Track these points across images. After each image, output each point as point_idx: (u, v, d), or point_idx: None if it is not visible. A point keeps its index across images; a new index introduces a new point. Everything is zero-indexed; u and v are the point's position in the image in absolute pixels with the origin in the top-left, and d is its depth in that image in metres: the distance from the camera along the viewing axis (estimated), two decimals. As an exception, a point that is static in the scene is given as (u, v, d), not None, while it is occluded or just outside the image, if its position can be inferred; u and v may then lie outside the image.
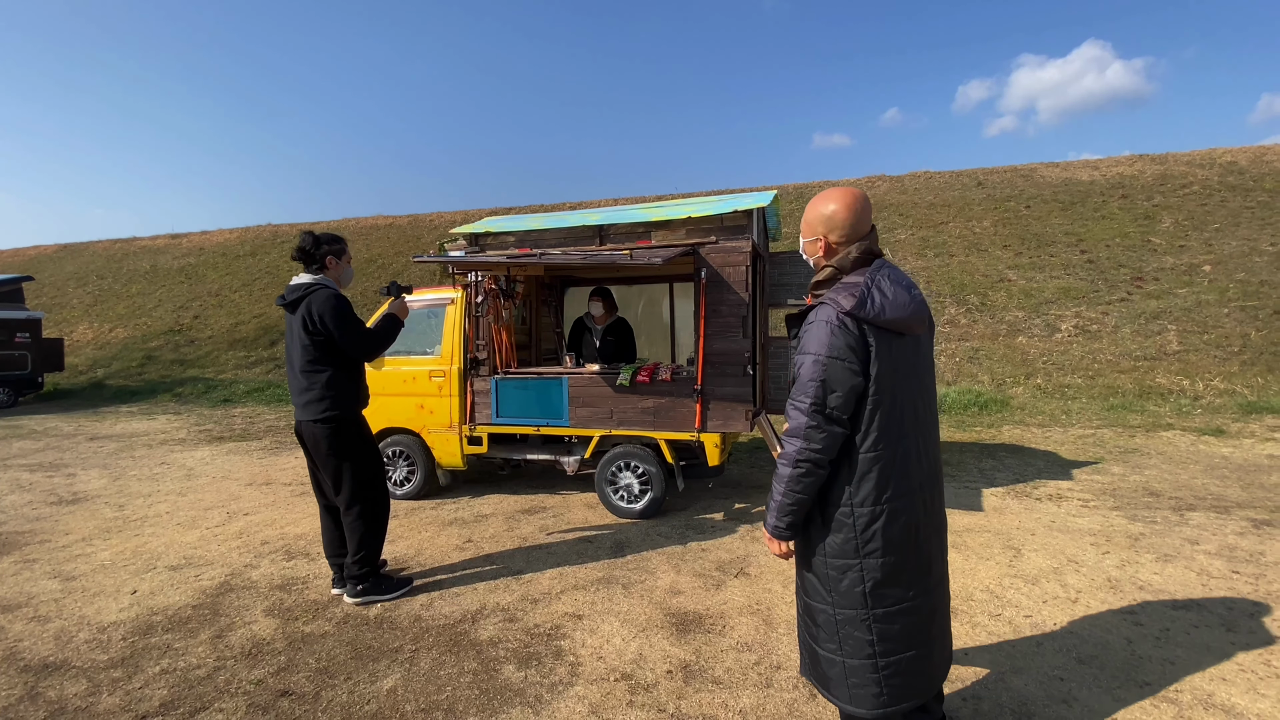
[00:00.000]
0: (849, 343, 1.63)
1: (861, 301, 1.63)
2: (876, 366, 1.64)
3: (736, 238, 4.22)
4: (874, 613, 1.74)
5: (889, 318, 1.64)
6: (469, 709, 2.32)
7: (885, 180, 15.67)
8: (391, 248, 16.65)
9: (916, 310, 1.69)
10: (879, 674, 1.75)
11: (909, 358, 1.72)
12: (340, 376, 3.12)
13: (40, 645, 2.83)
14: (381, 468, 3.35)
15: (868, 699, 1.77)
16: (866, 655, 1.76)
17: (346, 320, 3.07)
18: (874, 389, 1.65)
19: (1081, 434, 6.89)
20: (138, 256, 20.01)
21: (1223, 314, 9.35)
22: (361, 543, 3.16)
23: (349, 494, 3.17)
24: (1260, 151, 13.52)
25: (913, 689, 1.78)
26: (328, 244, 3.20)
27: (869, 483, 1.69)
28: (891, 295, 1.65)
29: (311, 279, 3.11)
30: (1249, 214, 11.44)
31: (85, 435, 8.44)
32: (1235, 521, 4.14)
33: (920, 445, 1.75)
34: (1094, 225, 12.05)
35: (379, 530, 3.26)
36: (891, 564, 1.72)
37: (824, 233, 1.78)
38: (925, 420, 1.77)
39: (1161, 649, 2.64)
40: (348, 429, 3.16)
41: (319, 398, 3.07)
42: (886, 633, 1.74)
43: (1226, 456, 5.81)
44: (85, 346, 15.20)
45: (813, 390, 1.66)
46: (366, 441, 3.28)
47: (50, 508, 5.05)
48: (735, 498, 4.99)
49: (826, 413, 1.65)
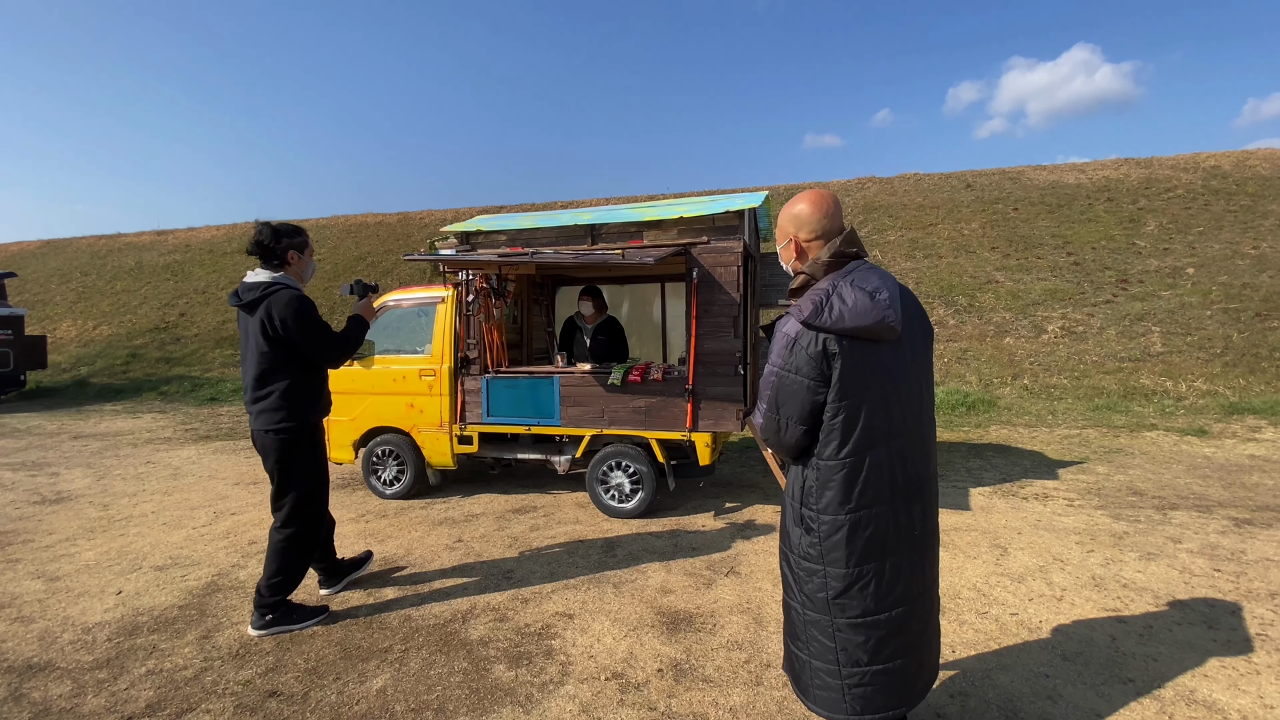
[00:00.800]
0: (807, 356, 1.61)
1: (818, 310, 1.60)
2: (839, 376, 1.60)
3: (728, 238, 4.24)
4: (836, 621, 1.71)
5: (848, 325, 1.58)
6: (459, 709, 2.32)
7: (875, 182, 15.77)
8: (381, 245, 16.54)
9: (882, 316, 1.59)
10: (841, 681, 1.71)
11: (884, 364, 1.64)
12: (300, 383, 2.88)
13: (24, 646, 2.79)
14: (326, 486, 3.09)
15: (831, 703, 1.74)
16: (830, 660, 1.73)
17: (312, 325, 2.82)
18: (835, 398, 1.62)
19: (1067, 434, 6.97)
20: (122, 253, 19.74)
21: (1205, 316, 9.50)
22: (282, 567, 2.89)
23: (287, 513, 2.91)
24: (1243, 156, 13.73)
25: (879, 702, 1.71)
26: (289, 236, 2.91)
27: (830, 491, 1.67)
28: (852, 302, 1.59)
29: (270, 277, 2.85)
30: (1231, 217, 11.63)
31: (69, 434, 8.32)
32: (1217, 520, 4.21)
33: (898, 455, 1.67)
34: (1080, 228, 12.19)
35: (305, 559, 3.01)
36: (853, 575, 1.67)
37: (794, 231, 1.78)
38: (907, 428, 1.70)
39: (1145, 646, 2.68)
40: (302, 441, 2.92)
41: (275, 406, 2.83)
42: (849, 643, 1.70)
43: (1209, 456, 5.91)
44: (69, 344, 14.98)
45: (768, 398, 1.71)
46: (318, 456, 3.03)
47: (33, 507, 4.98)
48: (726, 497, 5.01)
49: (781, 422, 1.69)
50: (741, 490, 5.20)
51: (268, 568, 2.90)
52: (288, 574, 2.92)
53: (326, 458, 3.12)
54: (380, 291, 3.56)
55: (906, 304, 1.71)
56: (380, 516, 4.62)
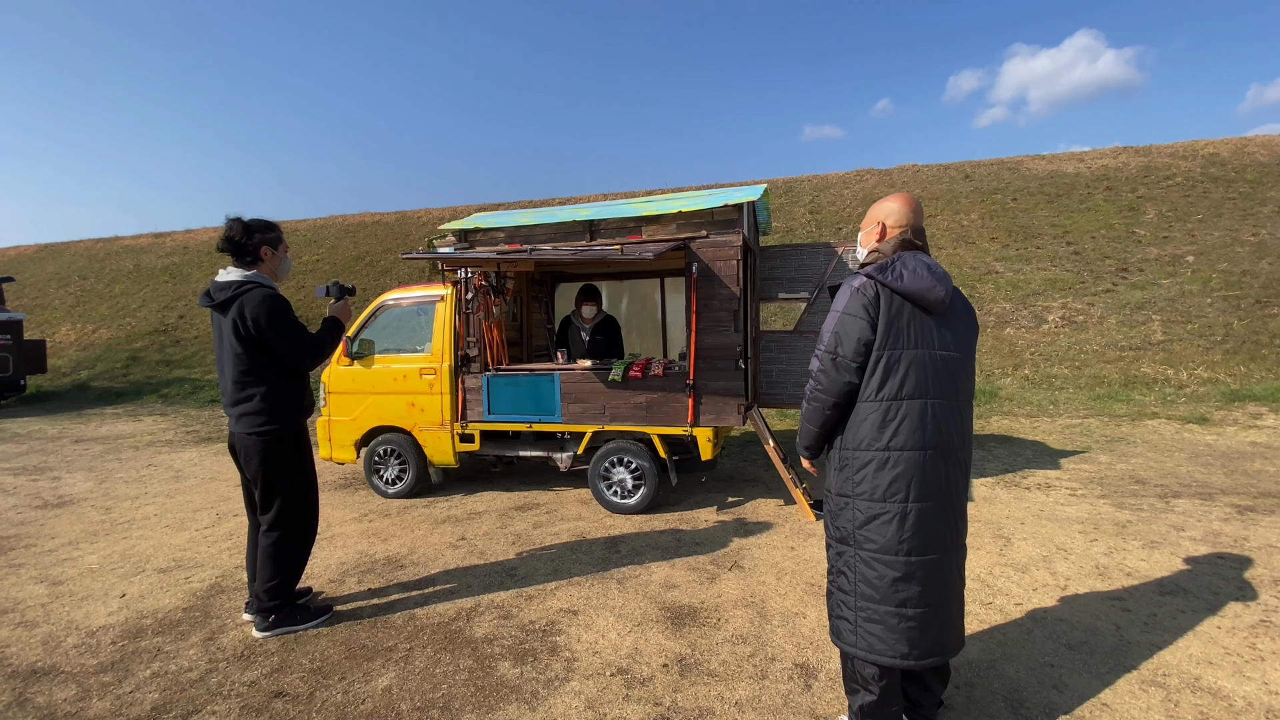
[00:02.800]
0: (865, 302, 1.88)
1: (883, 269, 1.90)
2: (885, 327, 1.86)
3: (727, 232, 4.22)
4: (859, 553, 1.92)
5: (905, 286, 1.86)
6: (465, 706, 2.32)
7: (874, 174, 15.72)
8: (379, 245, 16.51)
9: (934, 287, 1.86)
10: (854, 613, 1.93)
11: (928, 332, 1.89)
12: (280, 387, 2.80)
13: (28, 651, 2.79)
14: (314, 490, 3.03)
15: (845, 633, 1.96)
16: (845, 591, 1.96)
17: (286, 325, 2.72)
18: (880, 345, 1.86)
19: (1069, 423, 6.97)
20: (120, 256, 19.70)
21: (1206, 304, 9.48)
22: (277, 570, 2.85)
23: (275, 515, 2.85)
24: (1241, 143, 13.68)
25: (887, 643, 1.87)
26: (261, 232, 2.81)
27: (865, 427, 1.90)
28: (912, 269, 1.88)
29: (242, 275, 2.75)
30: (1230, 205, 11.60)
31: (70, 438, 8.32)
32: (1220, 508, 4.21)
33: (930, 413, 1.87)
34: (1079, 217, 12.16)
35: (300, 559, 2.97)
36: (876, 509, 1.88)
37: (882, 218, 2.06)
38: (942, 394, 1.89)
39: (1149, 634, 2.68)
40: (285, 444, 2.84)
41: (255, 410, 2.76)
42: (866, 575, 1.90)
43: (1210, 444, 5.90)
44: (68, 348, 14.96)
45: (829, 340, 1.94)
46: (304, 459, 2.95)
47: (35, 511, 4.98)
48: (728, 492, 5.00)
49: (837, 360, 1.91)
50: (744, 485, 5.20)
51: (262, 573, 2.86)
52: (283, 576, 2.88)
53: (312, 457, 3.04)
54: (358, 294, 3.45)
55: (956, 293, 1.98)
56: (383, 516, 4.61)
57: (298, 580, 2.99)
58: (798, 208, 14.58)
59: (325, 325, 2.95)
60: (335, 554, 3.86)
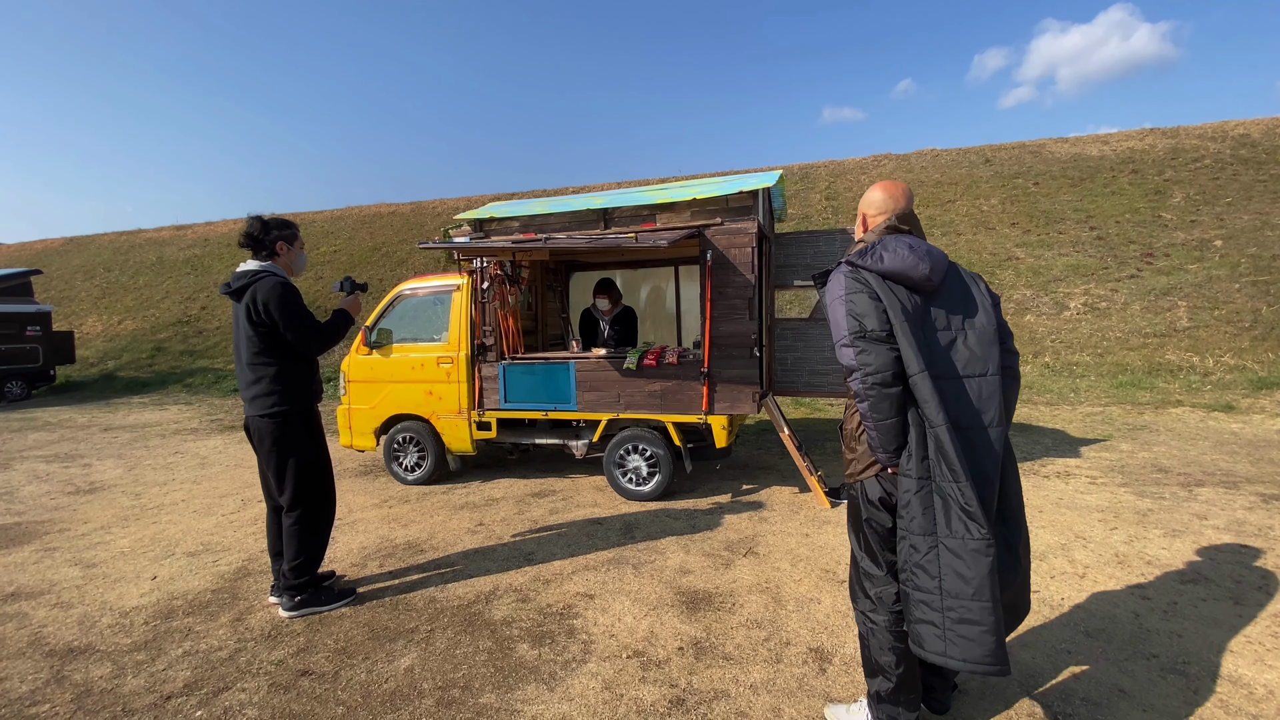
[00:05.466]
0: (858, 280, 1.84)
1: (863, 254, 1.87)
2: (886, 307, 1.79)
3: (742, 219, 4.20)
4: (942, 544, 1.73)
5: (885, 266, 1.82)
6: (485, 686, 2.37)
7: (892, 159, 15.49)
8: (395, 235, 16.63)
9: (916, 265, 1.79)
10: (941, 614, 1.73)
11: (921, 311, 1.80)
12: (289, 369, 2.93)
13: (64, 630, 2.89)
14: (329, 469, 3.13)
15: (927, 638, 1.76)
16: (927, 590, 1.75)
17: (293, 311, 2.87)
18: (891, 317, 1.78)
19: (1090, 411, 6.87)
20: (143, 249, 20.07)
21: (1234, 289, 9.25)
22: (301, 549, 2.96)
23: (291, 495, 2.95)
24: (1273, 123, 13.25)
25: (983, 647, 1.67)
26: (278, 229, 3.00)
27: (885, 405, 1.78)
28: (892, 249, 1.83)
29: (258, 266, 2.92)
30: (1261, 187, 11.26)
31: (99, 426, 8.54)
32: (1244, 496, 4.14)
33: (944, 394, 1.74)
34: (1103, 201, 11.89)
35: (321, 537, 3.06)
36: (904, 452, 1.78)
37: (863, 209, 2.05)
38: (949, 374, 1.77)
39: (1169, 622, 2.66)
40: (295, 424, 2.96)
41: (267, 392, 2.89)
42: (952, 567, 1.71)
43: (1236, 432, 5.79)
44: (95, 339, 15.32)
45: (846, 324, 1.82)
46: (316, 439, 3.07)
47: (68, 497, 5.14)
48: (742, 479, 5.02)
49: (867, 335, 1.79)
50: (758, 472, 5.21)
51: (286, 552, 2.97)
52: (307, 554, 2.98)
53: (323, 439, 3.14)
54: (374, 286, 3.53)
55: (951, 272, 1.88)
56: (403, 502, 4.70)
57: (320, 560, 3.08)
58: (814, 194, 14.42)
59: (334, 316, 3.08)
60: (357, 539, 3.94)
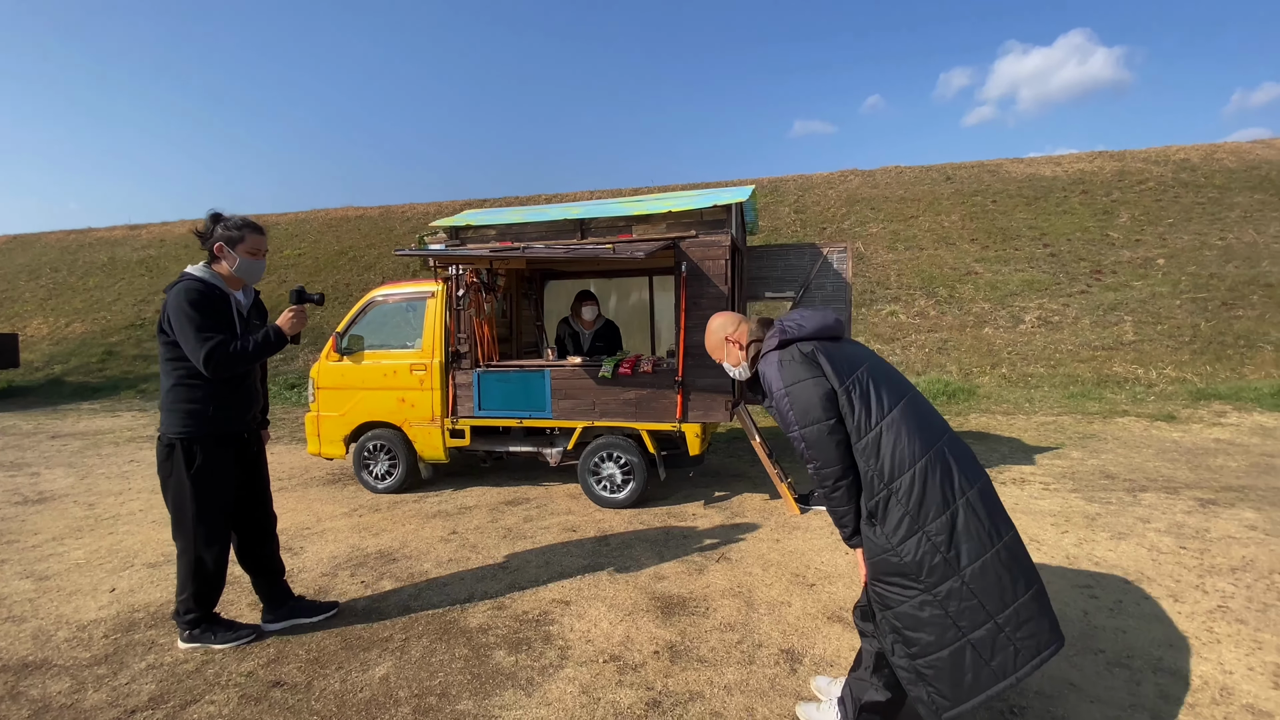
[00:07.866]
0: (799, 361, 1.87)
1: (783, 330, 1.94)
2: (829, 364, 1.84)
3: (716, 232, 4.31)
4: (962, 578, 1.75)
5: (810, 329, 1.92)
6: (462, 693, 2.37)
7: (857, 175, 15.94)
8: (363, 239, 16.36)
9: (825, 315, 1.95)
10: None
11: (852, 354, 1.91)
12: (180, 389, 2.52)
13: (17, 645, 2.79)
14: (206, 513, 2.60)
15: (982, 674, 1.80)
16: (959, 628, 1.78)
17: (186, 320, 2.44)
18: (838, 383, 1.82)
19: (1043, 421, 7.19)
20: (94, 248, 19.26)
21: (1175, 305, 9.79)
22: (181, 582, 2.65)
23: (172, 525, 2.64)
24: (1211, 149, 14.11)
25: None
26: (225, 228, 2.61)
27: (886, 455, 1.77)
28: (800, 315, 1.96)
29: (192, 268, 2.62)
30: (1200, 209, 11.97)
31: (46, 433, 8.17)
32: (1184, 501, 4.40)
33: (911, 419, 1.79)
34: (1056, 219, 12.46)
35: (203, 576, 2.65)
36: (947, 521, 1.74)
37: (723, 335, 2.13)
38: (903, 397, 1.84)
39: (1115, 619, 2.82)
40: (174, 453, 2.55)
41: (166, 408, 2.55)
42: (981, 586, 1.73)
43: (1177, 440, 6.13)
44: (41, 342, 14.62)
45: (794, 417, 1.84)
46: (196, 476, 2.56)
47: (15, 508, 4.92)
48: (715, 486, 5.10)
49: (819, 427, 1.80)
50: (730, 480, 5.30)
51: (178, 581, 2.71)
52: (188, 588, 2.66)
53: (258, 471, 2.82)
54: (324, 304, 3.22)
55: None
56: (373, 510, 4.64)
57: (208, 600, 2.72)
58: (783, 207, 14.73)
59: (261, 333, 2.60)
60: (327, 548, 3.88)
